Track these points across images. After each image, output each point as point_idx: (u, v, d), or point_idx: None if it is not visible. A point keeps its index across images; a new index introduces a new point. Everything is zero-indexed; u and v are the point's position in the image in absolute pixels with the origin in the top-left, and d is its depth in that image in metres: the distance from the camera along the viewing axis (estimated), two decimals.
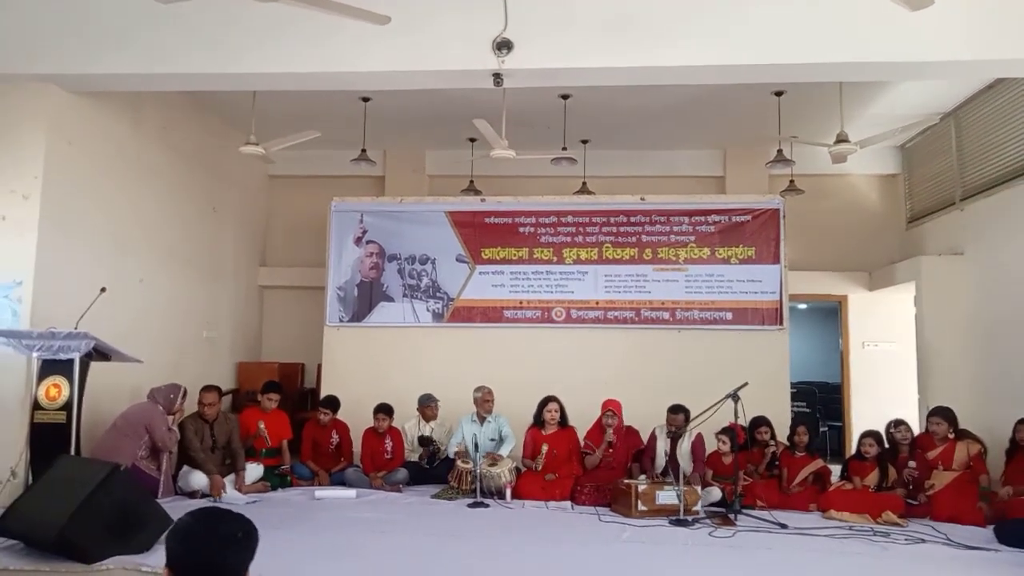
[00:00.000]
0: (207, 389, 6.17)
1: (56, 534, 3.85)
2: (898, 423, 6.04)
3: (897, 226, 9.06)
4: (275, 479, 6.32)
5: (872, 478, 5.74)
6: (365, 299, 8.07)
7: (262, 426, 6.46)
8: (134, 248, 6.73)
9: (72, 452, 5.05)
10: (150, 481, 5.48)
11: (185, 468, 5.89)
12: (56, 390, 5.15)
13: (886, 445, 5.98)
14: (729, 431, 5.95)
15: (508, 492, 5.93)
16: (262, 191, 9.59)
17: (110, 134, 6.42)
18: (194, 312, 7.77)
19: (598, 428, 6.26)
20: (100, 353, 5.45)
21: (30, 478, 4.99)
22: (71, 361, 5.15)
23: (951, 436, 5.79)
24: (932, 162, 8.36)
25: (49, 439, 5.05)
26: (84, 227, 6.08)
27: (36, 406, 5.18)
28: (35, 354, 5.15)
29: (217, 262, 8.31)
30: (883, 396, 8.52)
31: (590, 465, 6.18)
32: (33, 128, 5.68)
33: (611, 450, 6.18)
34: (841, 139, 6.60)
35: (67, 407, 5.13)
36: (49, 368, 5.19)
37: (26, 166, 5.64)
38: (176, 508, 4.15)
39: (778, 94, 7.19)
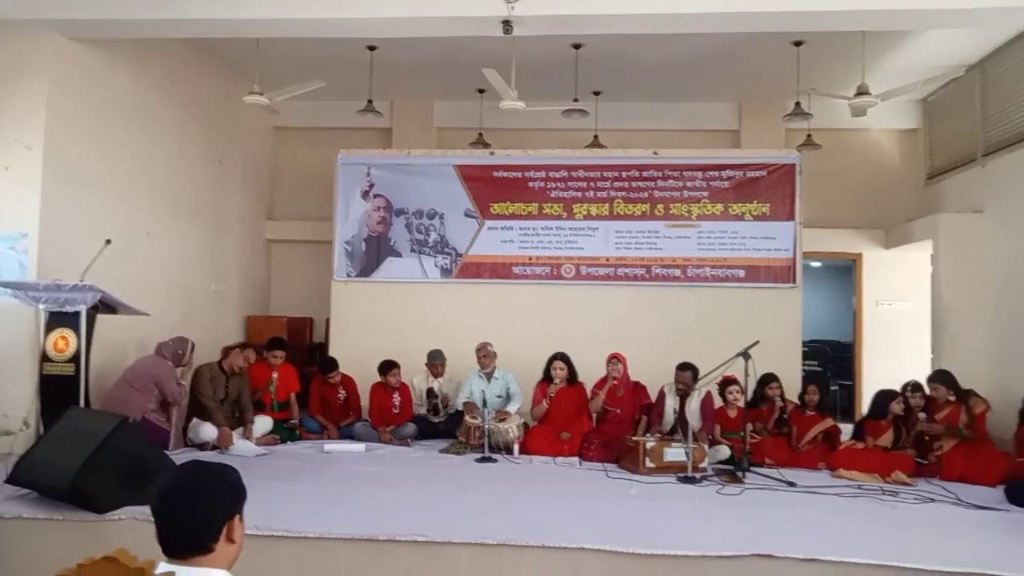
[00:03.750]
0: (251, 347, 6.35)
1: (68, 485, 3.87)
2: (915, 387, 5.93)
3: (915, 183, 8.86)
4: (284, 432, 6.36)
5: (886, 439, 5.70)
6: (373, 254, 8.00)
7: (275, 376, 6.50)
8: (140, 200, 6.67)
9: (81, 404, 5.06)
10: (160, 433, 5.52)
11: (195, 420, 5.92)
12: (64, 342, 5.13)
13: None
14: (731, 381, 5.91)
15: (516, 447, 5.94)
16: (268, 143, 9.46)
17: (113, 83, 6.30)
18: (201, 265, 7.74)
19: (605, 380, 6.25)
20: (107, 306, 5.43)
21: (41, 428, 5.02)
22: (78, 313, 5.12)
23: (951, 399, 5.72)
24: (954, 116, 8.12)
25: (58, 391, 5.06)
26: (89, 178, 6.00)
27: (44, 358, 5.18)
28: (41, 306, 5.13)
29: (223, 215, 8.24)
30: (896, 355, 8.46)
31: (594, 408, 6.20)
32: (35, 76, 5.59)
33: (616, 386, 6.12)
34: (862, 91, 6.40)
35: (75, 359, 5.12)
36: (56, 320, 5.17)
37: (29, 115, 5.56)
38: (186, 460, 4.18)
39: (797, 44, 6.96)
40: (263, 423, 6.24)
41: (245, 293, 8.76)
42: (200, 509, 1.59)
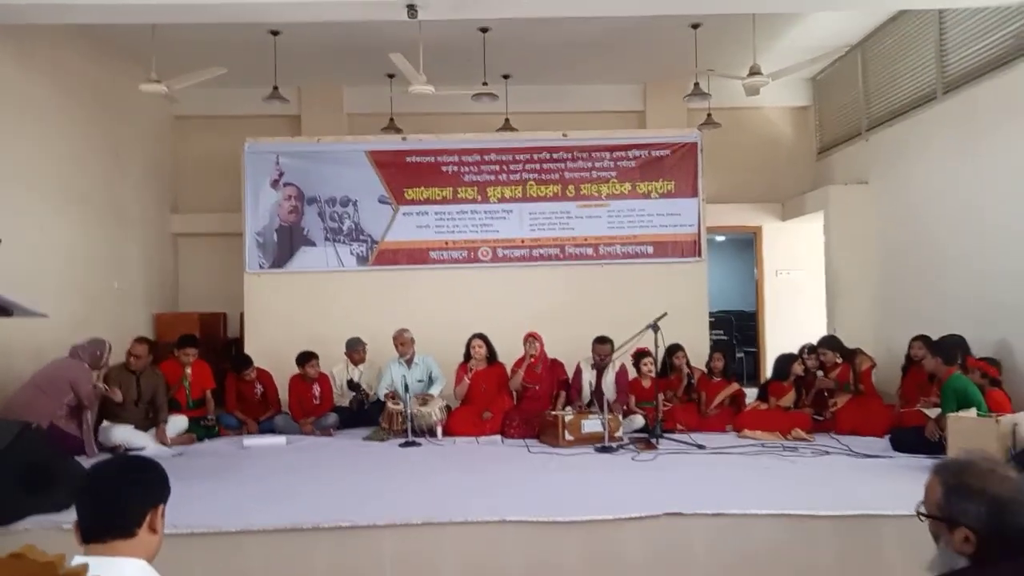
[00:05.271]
0: (139, 341, 5.98)
1: None
2: (811, 349, 6.34)
3: (808, 157, 9.37)
4: (201, 430, 6.20)
5: (789, 399, 6.11)
6: (285, 244, 7.85)
7: (188, 372, 6.33)
8: (30, 195, 6.32)
9: None
10: (70, 440, 5.28)
11: (105, 423, 5.70)
12: None
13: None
14: (645, 354, 6.16)
15: (439, 430, 6.01)
16: (168, 133, 9.08)
17: None
18: (101, 262, 7.39)
19: (524, 358, 6.38)
20: None
21: None
22: None
23: (839, 361, 6.16)
24: (841, 94, 8.63)
25: None
26: None
27: None
28: None
29: (123, 209, 7.88)
30: (795, 322, 8.96)
31: (513, 386, 6.34)
32: None
33: (534, 364, 6.26)
34: (754, 71, 6.72)
35: None
36: None
37: None
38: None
39: (695, 26, 7.22)
40: (178, 422, 6.06)
41: (151, 290, 8.42)
42: (128, 488, 1.62)
